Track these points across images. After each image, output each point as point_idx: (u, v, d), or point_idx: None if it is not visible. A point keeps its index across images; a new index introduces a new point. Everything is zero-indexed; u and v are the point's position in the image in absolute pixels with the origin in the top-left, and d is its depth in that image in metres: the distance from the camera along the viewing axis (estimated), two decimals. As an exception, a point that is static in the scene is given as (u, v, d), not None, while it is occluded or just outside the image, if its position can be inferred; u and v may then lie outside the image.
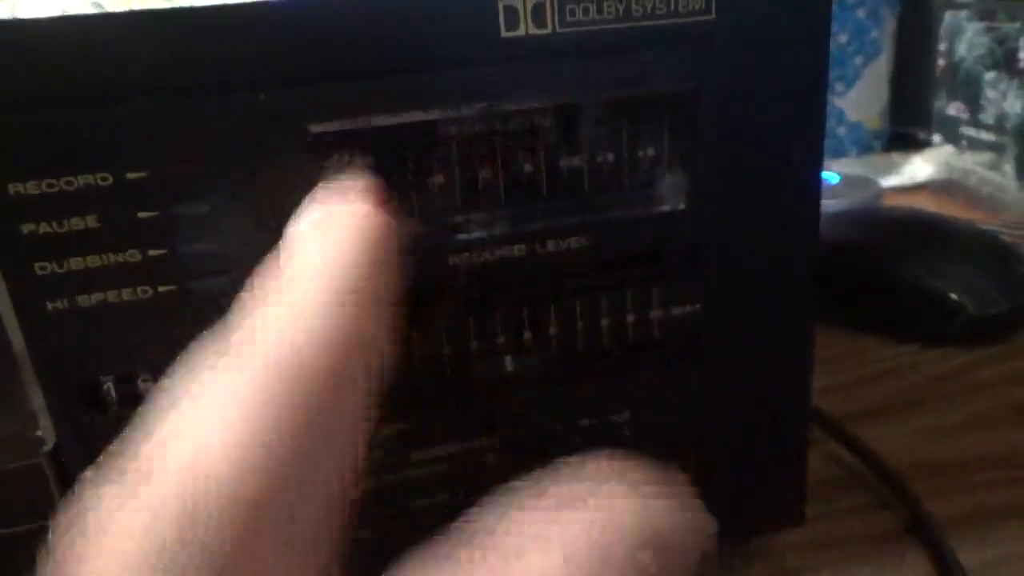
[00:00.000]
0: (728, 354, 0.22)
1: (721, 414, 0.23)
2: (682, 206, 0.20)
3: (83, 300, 0.17)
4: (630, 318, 0.21)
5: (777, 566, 0.25)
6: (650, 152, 0.20)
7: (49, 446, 0.18)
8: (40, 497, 0.18)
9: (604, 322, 0.20)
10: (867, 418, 0.33)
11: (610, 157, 0.20)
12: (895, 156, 0.75)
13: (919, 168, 0.71)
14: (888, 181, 0.68)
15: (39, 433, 0.18)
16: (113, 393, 0.18)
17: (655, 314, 0.21)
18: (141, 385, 0.18)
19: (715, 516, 0.25)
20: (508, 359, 0.20)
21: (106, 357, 0.18)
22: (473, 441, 0.21)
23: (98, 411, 0.18)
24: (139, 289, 0.17)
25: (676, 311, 0.21)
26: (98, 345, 0.18)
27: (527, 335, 0.20)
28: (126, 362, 0.18)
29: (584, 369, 0.21)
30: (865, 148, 0.78)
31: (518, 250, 0.19)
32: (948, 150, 0.72)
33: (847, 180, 0.63)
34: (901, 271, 0.41)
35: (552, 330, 0.20)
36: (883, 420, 0.33)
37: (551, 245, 0.20)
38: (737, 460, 0.23)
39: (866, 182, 0.63)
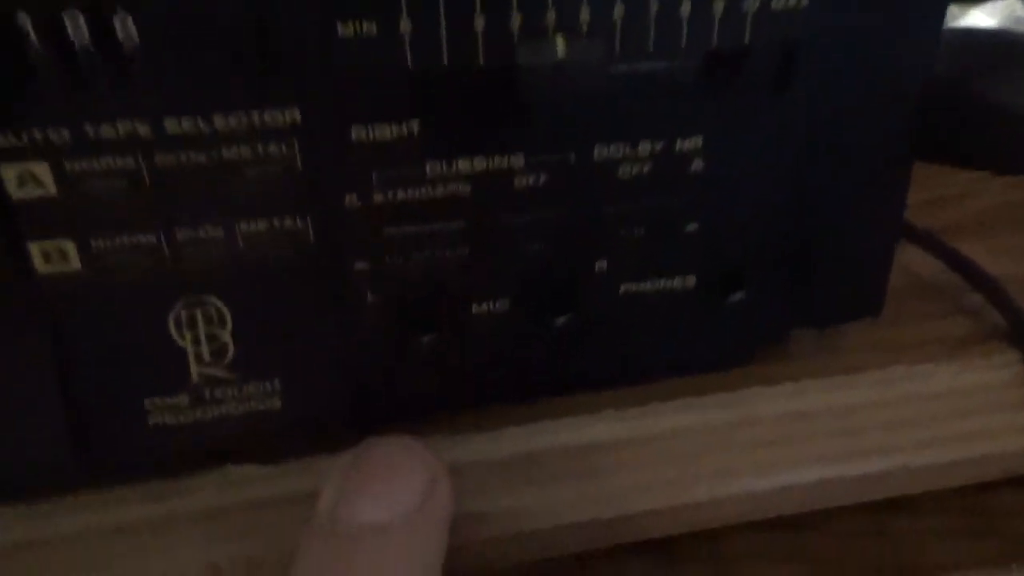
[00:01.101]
0: (824, 86, 0.18)
1: (804, 159, 0.18)
2: None
3: None
4: (718, 7, 0.16)
5: (847, 362, 0.22)
6: None
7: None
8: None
9: (684, 8, 0.16)
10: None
11: None
12: (954, 8, 0.68)
13: (979, 20, 0.65)
14: (946, 34, 0.62)
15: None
16: (36, 38, 0.13)
17: (749, 5, 0.16)
18: (72, 27, 0.14)
19: (787, 297, 0.21)
20: (559, 43, 0.16)
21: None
22: (503, 157, 0.16)
23: (18, 60, 0.14)
24: None
25: (775, 6, 0.16)
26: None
27: (584, 14, 0.16)
28: (48, -11, 0.13)
29: (653, 76, 0.16)
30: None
31: None
32: (1012, 1, 0.65)
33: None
34: (974, 90, 0.36)
35: (616, 9, 0.16)
36: (955, 239, 0.29)
37: None
38: (814, 222, 0.19)
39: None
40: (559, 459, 0.19)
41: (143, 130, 0.14)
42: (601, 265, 0.18)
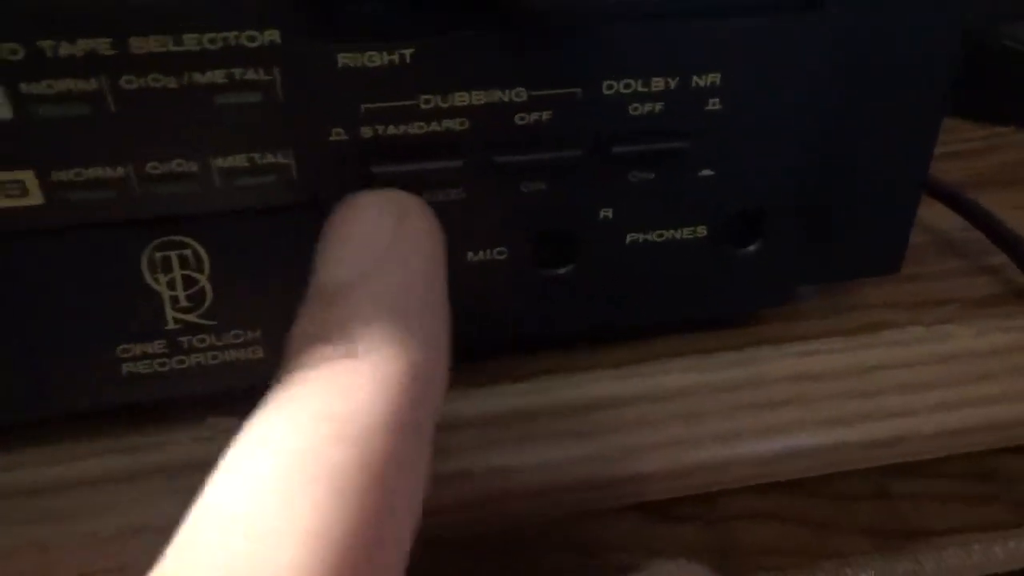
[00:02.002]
0: (857, 12, 0.16)
1: (829, 100, 0.17)
2: None
3: None
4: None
5: (862, 321, 0.21)
6: None
7: None
8: None
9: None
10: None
11: None
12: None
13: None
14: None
15: None
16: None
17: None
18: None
19: (804, 248, 0.20)
20: (566, -38, 0.14)
21: None
22: (504, 91, 0.15)
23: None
24: None
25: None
26: None
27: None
28: None
29: (667, 1, 0.15)
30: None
31: None
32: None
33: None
34: (1001, 38, 0.34)
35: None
36: (976, 194, 0.28)
37: None
38: (836, 171, 0.18)
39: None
40: (556, 417, 0.18)
41: (105, 49, 0.13)
42: (607, 212, 0.17)
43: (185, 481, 0.17)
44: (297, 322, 0.13)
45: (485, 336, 0.18)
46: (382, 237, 0.13)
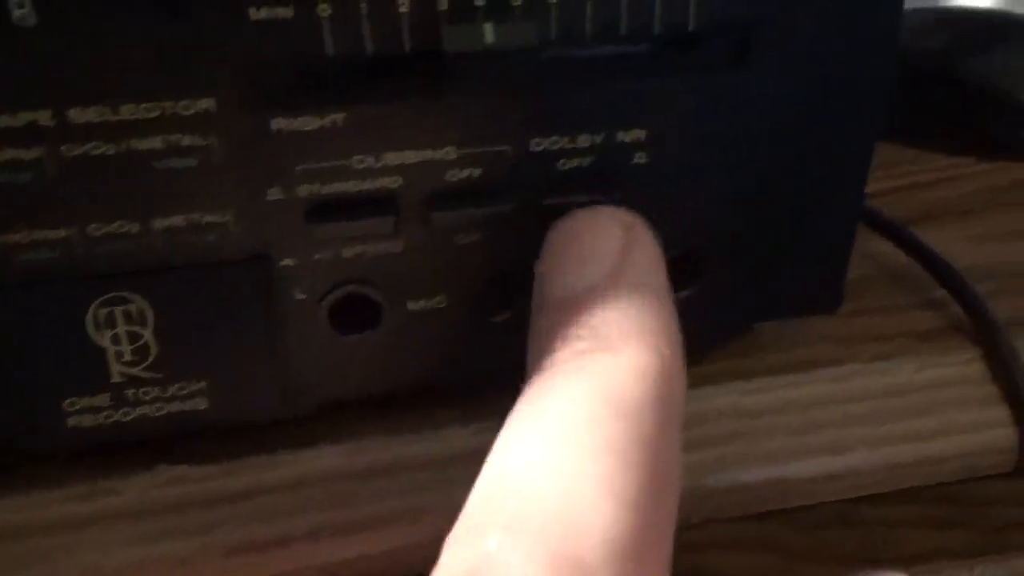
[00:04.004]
0: (782, 67, 0.17)
1: (757, 150, 0.17)
2: None
3: None
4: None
5: (803, 356, 0.21)
6: None
7: None
8: None
9: (624, -13, 0.15)
10: (915, 223, 0.28)
11: None
12: (949, -16, 0.67)
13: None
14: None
15: None
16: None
17: (694, -15, 0.15)
18: (-42, 7, 0.13)
19: (742, 290, 0.20)
20: (488, 28, 0.15)
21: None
22: (434, 150, 0.16)
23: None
24: None
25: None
26: None
27: (516, -2, 0.15)
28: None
29: (592, 62, 0.16)
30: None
31: None
32: (1010, -22, 0.64)
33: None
34: (962, 71, 0.35)
35: (551, -7, 0.15)
36: (934, 225, 0.29)
37: None
38: (766, 214, 0.18)
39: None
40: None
41: (46, 120, 0.14)
42: (542, 261, 0.17)
43: (141, 526, 0.18)
44: (541, 322, 0.13)
45: (433, 380, 0.18)
46: (614, 243, 0.14)
